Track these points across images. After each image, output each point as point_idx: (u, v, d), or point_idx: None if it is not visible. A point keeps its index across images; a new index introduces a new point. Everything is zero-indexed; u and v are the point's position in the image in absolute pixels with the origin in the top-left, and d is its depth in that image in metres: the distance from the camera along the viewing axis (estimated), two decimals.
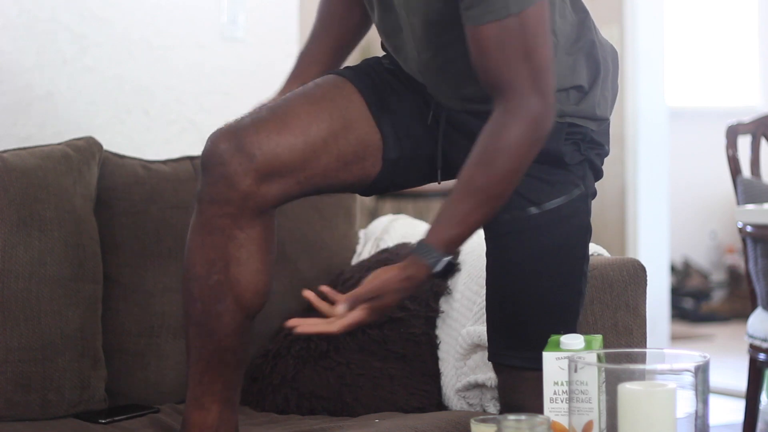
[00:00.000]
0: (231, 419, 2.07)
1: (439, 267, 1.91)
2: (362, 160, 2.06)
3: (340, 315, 1.90)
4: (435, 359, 2.48)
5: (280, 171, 1.98)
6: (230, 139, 1.97)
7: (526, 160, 1.90)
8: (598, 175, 2.10)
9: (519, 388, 2.08)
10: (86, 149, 2.53)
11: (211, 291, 2.00)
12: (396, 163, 2.08)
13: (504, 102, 1.89)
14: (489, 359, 2.13)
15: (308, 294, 1.92)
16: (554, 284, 2.05)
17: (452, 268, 1.99)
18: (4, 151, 2.47)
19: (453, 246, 1.93)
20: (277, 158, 1.97)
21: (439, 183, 2.13)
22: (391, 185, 2.13)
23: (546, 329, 2.02)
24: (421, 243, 1.92)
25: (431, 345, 2.49)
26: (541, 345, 2.01)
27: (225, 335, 2.02)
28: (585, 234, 2.09)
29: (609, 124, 2.10)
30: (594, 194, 2.09)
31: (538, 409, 1.95)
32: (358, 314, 1.90)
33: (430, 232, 1.93)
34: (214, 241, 1.99)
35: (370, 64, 2.15)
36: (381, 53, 2.19)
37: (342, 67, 2.16)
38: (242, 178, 1.95)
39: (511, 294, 2.03)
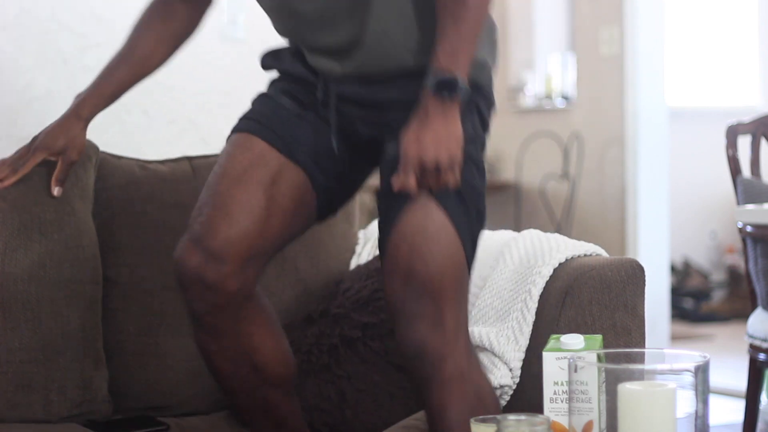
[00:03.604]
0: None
1: (430, 81, 1.95)
2: (302, 202, 2.15)
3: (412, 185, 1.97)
4: None
5: (249, 256, 2.09)
6: (195, 252, 2.08)
7: None
8: (484, 125, 2.13)
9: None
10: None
11: (244, 382, 2.17)
12: (327, 187, 2.17)
13: None
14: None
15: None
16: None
17: (449, 81, 1.96)
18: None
19: (446, 62, 1.95)
20: (242, 250, 2.08)
21: (335, 152, 2.15)
22: (338, 201, 2.23)
23: None
24: None
25: None
26: None
27: (275, 405, 2.22)
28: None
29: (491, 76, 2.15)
30: (483, 143, 2.12)
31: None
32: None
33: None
34: (227, 343, 2.13)
35: (266, 99, 2.21)
36: None
37: (240, 119, 2.21)
38: (224, 281, 2.08)
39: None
